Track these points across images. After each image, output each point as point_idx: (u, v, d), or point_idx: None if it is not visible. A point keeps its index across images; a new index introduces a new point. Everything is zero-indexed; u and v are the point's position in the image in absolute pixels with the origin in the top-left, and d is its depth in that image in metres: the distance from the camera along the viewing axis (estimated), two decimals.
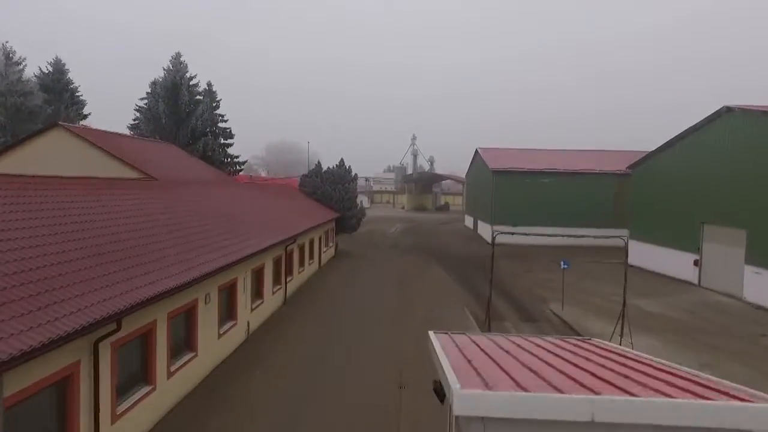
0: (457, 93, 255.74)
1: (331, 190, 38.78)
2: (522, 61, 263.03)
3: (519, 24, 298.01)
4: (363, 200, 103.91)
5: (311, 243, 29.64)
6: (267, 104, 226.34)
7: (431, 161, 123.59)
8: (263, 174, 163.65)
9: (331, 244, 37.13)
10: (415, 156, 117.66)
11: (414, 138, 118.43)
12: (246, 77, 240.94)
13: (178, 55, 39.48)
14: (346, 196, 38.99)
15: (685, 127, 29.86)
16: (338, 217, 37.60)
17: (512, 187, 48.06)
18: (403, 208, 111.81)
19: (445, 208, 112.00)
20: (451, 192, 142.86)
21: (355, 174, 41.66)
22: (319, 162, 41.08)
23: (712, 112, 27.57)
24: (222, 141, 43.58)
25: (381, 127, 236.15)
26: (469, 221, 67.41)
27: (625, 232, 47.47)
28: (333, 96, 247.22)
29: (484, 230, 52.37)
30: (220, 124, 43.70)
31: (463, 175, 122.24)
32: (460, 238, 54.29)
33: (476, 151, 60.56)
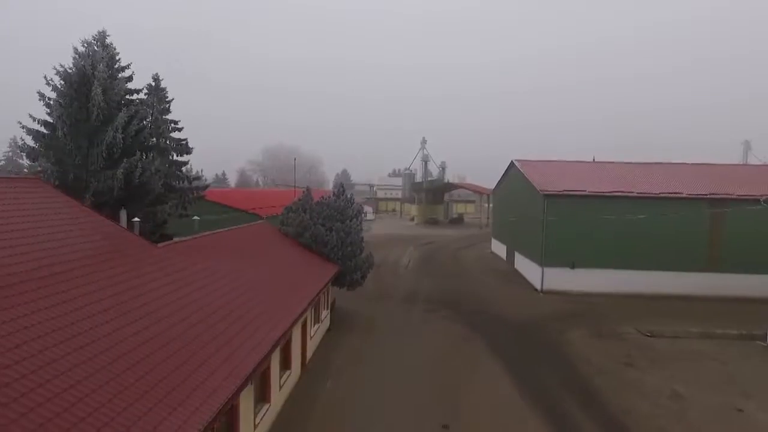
0: (459, 95, 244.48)
1: (324, 231, 26.66)
2: (523, 63, 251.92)
3: (519, 27, 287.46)
4: (368, 211, 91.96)
5: (288, 344, 17.52)
6: (266, 106, 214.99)
7: (443, 167, 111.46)
8: (260, 181, 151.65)
9: (325, 313, 25.10)
10: (425, 162, 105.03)
11: (424, 141, 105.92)
12: (244, 78, 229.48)
13: (101, 35, 25.51)
14: (347, 240, 26.84)
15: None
16: (337, 272, 25.60)
17: (569, 217, 35.81)
18: (412, 220, 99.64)
19: (459, 220, 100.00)
20: (461, 199, 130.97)
21: (360, 206, 29.50)
22: (308, 188, 28.81)
23: None
24: (175, 157, 31.22)
25: (383, 128, 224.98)
26: (498, 248, 55.05)
27: (723, 277, 35.70)
28: (333, 96, 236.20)
29: (529, 270, 40.07)
30: (173, 134, 31.12)
31: (474, 182, 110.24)
32: (496, 278, 42.03)
33: (511, 164, 48.22)
